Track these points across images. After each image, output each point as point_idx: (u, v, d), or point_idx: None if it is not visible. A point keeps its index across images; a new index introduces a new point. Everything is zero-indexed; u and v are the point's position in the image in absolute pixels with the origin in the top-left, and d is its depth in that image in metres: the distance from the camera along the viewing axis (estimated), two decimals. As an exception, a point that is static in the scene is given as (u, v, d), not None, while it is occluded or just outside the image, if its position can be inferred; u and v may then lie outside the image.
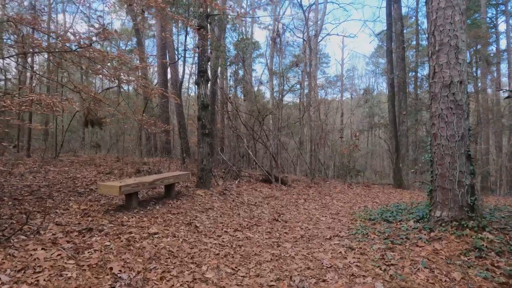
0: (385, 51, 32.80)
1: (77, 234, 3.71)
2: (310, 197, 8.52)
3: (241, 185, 8.93)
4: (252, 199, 7.32)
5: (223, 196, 7.13)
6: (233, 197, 7.24)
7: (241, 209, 6.42)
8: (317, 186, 10.83)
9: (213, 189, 7.45)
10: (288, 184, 9.78)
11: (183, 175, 6.56)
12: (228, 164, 9.76)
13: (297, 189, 9.51)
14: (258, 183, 9.91)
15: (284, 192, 8.72)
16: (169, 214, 5.22)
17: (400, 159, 12.22)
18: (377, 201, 8.87)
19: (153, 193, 6.70)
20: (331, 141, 15.02)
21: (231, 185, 8.51)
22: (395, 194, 10.96)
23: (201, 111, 7.42)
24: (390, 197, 10.12)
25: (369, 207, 7.73)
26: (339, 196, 9.22)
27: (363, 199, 9.20)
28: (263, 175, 10.29)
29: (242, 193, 7.83)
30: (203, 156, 7.39)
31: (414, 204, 7.71)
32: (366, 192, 10.80)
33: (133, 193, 5.19)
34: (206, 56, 7.45)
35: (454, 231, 4.50)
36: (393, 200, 9.41)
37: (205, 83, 7.45)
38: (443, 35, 4.74)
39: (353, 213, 6.78)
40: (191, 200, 6.36)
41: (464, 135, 4.70)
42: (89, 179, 7.78)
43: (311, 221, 5.93)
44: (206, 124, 7.42)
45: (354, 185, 12.54)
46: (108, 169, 9.80)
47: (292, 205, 7.36)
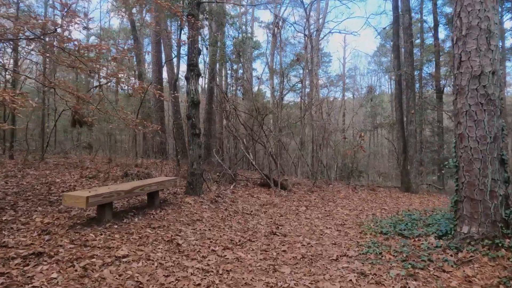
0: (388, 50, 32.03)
1: (21, 261, 2.96)
2: (312, 204, 7.76)
3: (237, 190, 8.18)
4: (247, 207, 6.56)
5: (215, 204, 6.37)
6: (227, 205, 6.48)
7: (235, 219, 5.66)
8: (319, 190, 10.07)
9: (205, 196, 6.69)
10: (289, 189, 9.02)
11: (169, 181, 5.81)
12: (223, 167, 9.01)
13: (298, 194, 8.75)
14: (256, 187, 9.16)
15: (284, 198, 7.96)
16: (148, 228, 4.47)
17: (408, 161, 11.45)
18: (385, 208, 8.10)
19: (134, 201, 5.95)
20: (334, 141, 14.26)
21: (226, 191, 7.76)
22: (403, 199, 10.20)
23: (191, 108, 6.68)
24: (398, 202, 9.36)
25: (378, 215, 6.96)
26: (344, 202, 8.46)
27: (370, 205, 8.43)
28: (261, 178, 9.54)
29: (237, 199, 7.07)
30: (193, 159, 6.64)
31: (427, 213, 6.94)
32: (372, 197, 10.03)
33: (107, 204, 4.44)
34: (196, 47, 6.70)
35: (487, 251, 3.74)
36: (402, 206, 8.65)
37: (196, 78, 6.70)
38: (472, 16, 3.98)
39: (361, 224, 6.02)
40: (177, 210, 5.61)
41: (497, 136, 3.94)
42: (68, 185, 7.04)
43: (314, 234, 5.17)
44: (196, 123, 6.67)
45: (359, 189, 11.77)
46: (94, 172, 9.07)
47: (293, 214, 6.60)
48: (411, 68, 11.12)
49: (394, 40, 12.06)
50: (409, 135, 11.34)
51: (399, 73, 11.33)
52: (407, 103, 11.29)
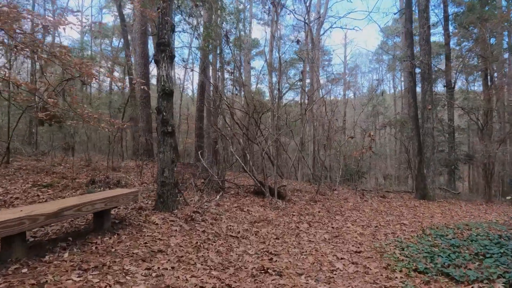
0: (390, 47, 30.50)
1: None
2: (316, 219, 6.28)
3: (224, 201, 6.70)
4: (234, 227, 5.09)
5: (191, 223, 4.90)
6: (206, 224, 5.01)
7: (214, 247, 4.20)
8: (323, 198, 8.61)
9: (179, 212, 5.22)
10: (287, 199, 7.55)
11: (126, 195, 4.33)
12: (209, 173, 7.54)
13: (298, 205, 7.28)
14: (249, 196, 7.69)
15: (281, 212, 6.49)
16: (75, 271, 3.00)
17: (424, 164, 9.98)
18: (405, 222, 6.63)
19: (76, 223, 4.48)
20: (338, 142, 12.81)
21: (209, 203, 6.28)
22: (421, 209, 8.74)
23: (162, 100, 5.21)
24: (417, 214, 7.90)
25: (400, 235, 5.50)
26: (354, 215, 6.99)
27: (385, 219, 6.97)
28: (255, 185, 8.08)
29: (221, 215, 5.60)
30: (164, 165, 5.17)
31: (463, 231, 5.48)
32: (386, 206, 8.57)
33: (15, 236, 2.98)
34: (169, 22, 5.23)
35: None
36: (423, 219, 7.19)
37: (168, 61, 5.24)
38: None
39: (382, 250, 4.55)
40: (135, 235, 4.14)
41: None
42: (9, 197, 5.58)
43: (321, 271, 3.71)
44: (168, 118, 5.20)
45: (368, 195, 10.31)
46: (58, 178, 7.61)
47: (292, 235, 5.13)
48: (428, 57, 9.66)
49: (407, 26, 10.60)
50: (425, 134, 9.88)
51: (416, 62, 9.86)
52: (423, 97, 9.84)
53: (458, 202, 10.73)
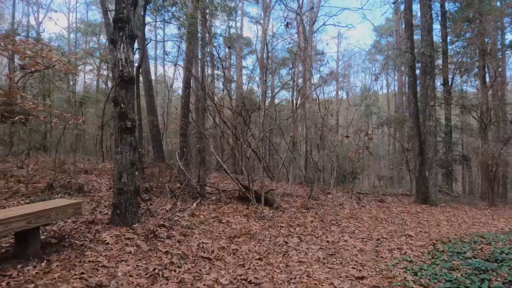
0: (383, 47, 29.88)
1: None
2: (308, 231, 5.36)
3: (200, 210, 5.74)
4: (207, 245, 4.14)
5: (152, 241, 3.94)
6: (173, 242, 4.05)
7: (176, 275, 3.24)
8: (316, 204, 7.70)
9: (140, 227, 4.25)
10: (275, 205, 6.61)
11: (63, 208, 3.35)
12: (186, 176, 6.57)
13: (288, 214, 6.35)
14: (232, 203, 6.74)
15: (268, 222, 5.55)
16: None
17: (426, 166, 9.15)
18: (410, 234, 5.75)
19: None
20: (332, 141, 11.95)
21: (183, 213, 5.32)
22: (424, 215, 7.89)
23: (120, 89, 4.24)
24: (421, 222, 7.05)
25: (408, 252, 4.61)
26: (352, 225, 6.09)
27: (387, 229, 6.09)
28: (240, 190, 7.13)
29: (194, 229, 4.64)
30: (122, 169, 4.20)
31: (482, 247, 4.61)
32: (385, 213, 7.71)
33: None
34: (128, -7, 4.26)
35: None
36: (429, 228, 6.34)
37: (127, 42, 4.27)
38: None
39: (390, 275, 3.66)
40: (72, 261, 3.17)
41: None
42: None
43: (314, 310, 2.78)
44: (127, 111, 4.23)
45: (365, 200, 9.45)
46: (8, 182, 6.59)
47: (278, 254, 4.20)
48: (430, 48, 8.83)
49: (407, 16, 9.77)
50: (427, 132, 9.05)
51: (417, 54, 9.02)
52: (425, 92, 9.01)
53: (461, 206, 9.94)
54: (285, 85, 23.65)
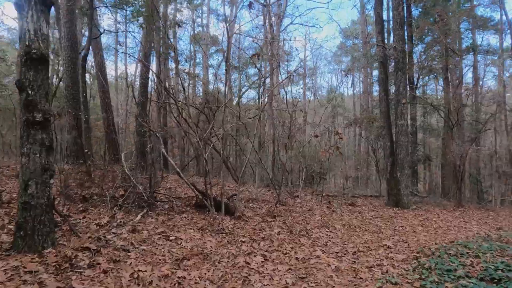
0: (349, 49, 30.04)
1: None
2: (274, 246, 4.54)
3: (146, 223, 4.74)
4: (144, 274, 3.18)
5: (66, 274, 2.92)
6: (96, 271, 3.05)
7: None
8: (284, 210, 6.93)
9: (53, 252, 3.21)
10: (237, 214, 5.74)
11: None
12: (131, 182, 5.52)
13: (251, 224, 5.50)
14: (187, 213, 5.78)
15: (227, 237, 4.67)
16: None
17: (398, 167, 8.71)
18: (388, 244, 5.12)
19: None
20: (301, 141, 11.31)
21: (122, 228, 4.30)
22: (398, 220, 7.39)
23: (27, 69, 3.19)
24: (396, 228, 6.50)
25: (391, 270, 3.93)
26: (324, 235, 5.37)
27: (362, 238, 5.44)
28: (197, 196, 6.18)
29: (129, 252, 3.65)
30: (29, 176, 3.15)
31: (470, 259, 4.03)
32: (358, 219, 7.11)
33: None
34: None
35: None
36: (406, 236, 5.78)
37: (37, 8, 3.23)
38: None
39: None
40: None
41: None
42: None
43: None
44: (36, 100, 3.18)
45: (335, 203, 8.84)
46: None
47: (237, 281, 3.34)
48: (403, 43, 8.39)
49: (378, 10, 9.31)
50: (399, 132, 8.61)
51: (389, 47, 8.54)
52: (397, 89, 8.56)
53: (432, 208, 9.64)
54: (252, 85, 22.94)
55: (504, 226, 7.68)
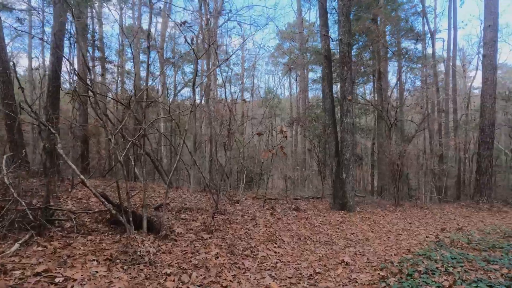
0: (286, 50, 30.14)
1: None
2: (211, 276, 3.43)
3: (23, 255, 3.29)
4: None
5: None
6: None
7: None
8: (223, 222, 5.87)
9: None
10: (164, 233, 4.49)
11: None
12: (10, 196, 3.95)
13: (182, 245, 4.31)
14: (95, 234, 4.38)
15: (145, 269, 3.43)
16: None
17: (344, 167, 8.20)
18: (346, 260, 4.36)
19: None
20: (240, 141, 10.35)
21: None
22: (347, 225, 6.80)
23: None
24: (347, 236, 5.85)
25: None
26: (271, 253, 4.42)
27: (315, 253, 4.61)
28: (109, 210, 4.77)
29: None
30: None
31: (449, 281, 3.41)
32: (306, 226, 6.34)
33: None
34: None
35: None
36: (360, 245, 5.12)
37: None
38: None
39: None
40: None
41: None
42: None
43: None
44: None
45: (279, 209, 8.03)
46: None
47: None
48: (349, 36, 7.89)
49: (321, 1, 8.74)
50: (344, 130, 8.11)
51: (335, 40, 7.97)
52: (342, 85, 8.05)
53: (375, 210, 9.39)
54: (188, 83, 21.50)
55: (446, 226, 7.60)
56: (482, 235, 6.54)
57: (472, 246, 5.21)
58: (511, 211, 12.48)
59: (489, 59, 13.69)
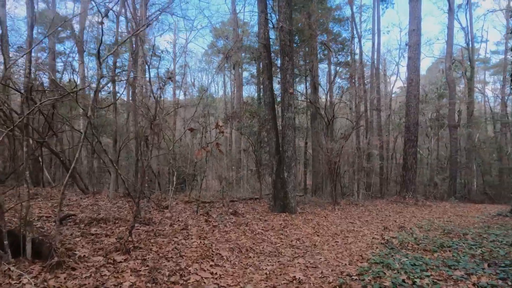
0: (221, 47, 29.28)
1: None
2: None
3: None
4: None
5: None
6: None
7: None
8: (146, 235, 4.74)
9: None
10: (55, 260, 3.23)
11: None
12: None
13: (81, 276, 3.12)
14: None
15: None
16: None
17: (285, 166, 7.58)
18: (297, 276, 3.62)
19: None
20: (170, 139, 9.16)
21: None
22: (291, 230, 6.16)
23: None
24: (294, 244, 5.18)
25: None
26: (207, 276, 3.47)
27: (262, 270, 3.80)
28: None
29: None
30: None
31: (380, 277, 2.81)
32: (247, 234, 5.52)
33: None
34: None
35: None
36: (309, 254, 4.47)
37: None
38: None
39: None
40: None
41: None
42: None
43: None
44: None
45: (215, 214, 7.10)
46: None
47: None
48: (289, 23, 7.28)
49: (261, -14, 8.02)
50: (286, 126, 7.49)
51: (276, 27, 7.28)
52: (283, 77, 7.41)
53: (316, 210, 8.99)
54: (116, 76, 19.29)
55: (387, 224, 7.44)
56: (423, 232, 6.44)
57: (422, 247, 4.90)
58: (433, 205, 13.30)
59: (413, 61, 14.47)
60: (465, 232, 6.20)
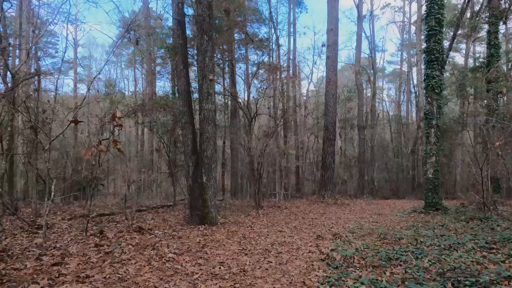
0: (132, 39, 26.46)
1: None
2: None
3: None
4: None
5: None
6: None
7: None
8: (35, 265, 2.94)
9: None
10: None
11: None
12: None
13: None
14: None
15: None
16: None
17: (204, 168, 6.26)
18: None
19: None
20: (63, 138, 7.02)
21: None
22: (212, 249, 4.93)
23: None
24: (218, 273, 3.94)
25: None
26: None
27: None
28: None
29: None
30: None
31: None
32: (153, 264, 4.07)
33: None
34: None
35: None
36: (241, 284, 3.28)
37: None
38: None
39: None
40: None
41: None
42: None
43: None
44: None
45: (112, 234, 5.44)
46: None
47: None
48: None
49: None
50: (205, 120, 6.17)
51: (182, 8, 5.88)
52: (202, 60, 6.09)
53: (239, 218, 7.89)
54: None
55: (317, 230, 6.73)
56: (358, 238, 5.84)
57: (369, 262, 4.14)
58: (351, 203, 13.46)
59: (332, 60, 14.52)
60: (399, 236, 5.78)
